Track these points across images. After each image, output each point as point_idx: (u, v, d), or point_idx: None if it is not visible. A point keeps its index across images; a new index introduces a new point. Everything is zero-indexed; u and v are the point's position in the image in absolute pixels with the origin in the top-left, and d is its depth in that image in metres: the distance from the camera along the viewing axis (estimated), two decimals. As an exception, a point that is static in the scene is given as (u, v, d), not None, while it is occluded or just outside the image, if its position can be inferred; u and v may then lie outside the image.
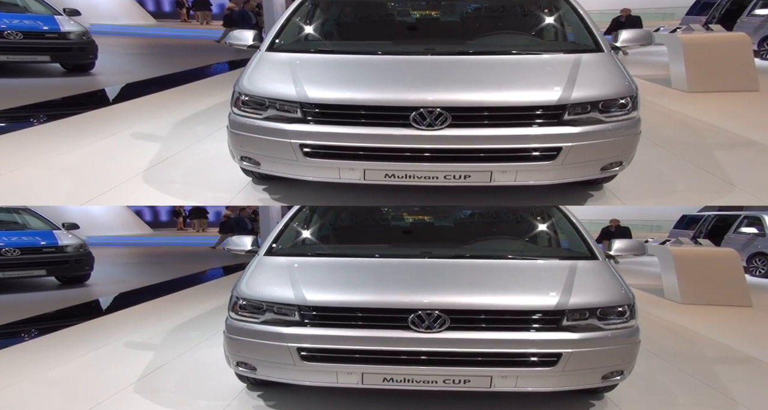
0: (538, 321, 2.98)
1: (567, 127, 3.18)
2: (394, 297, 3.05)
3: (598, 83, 3.32)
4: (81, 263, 7.67)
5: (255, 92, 3.38)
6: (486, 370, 2.98)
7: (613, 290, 3.18)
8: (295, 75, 3.38)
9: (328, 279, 3.31)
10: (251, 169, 3.58)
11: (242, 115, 3.41)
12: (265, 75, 3.51)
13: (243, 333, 3.15)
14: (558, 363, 2.97)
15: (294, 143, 3.25)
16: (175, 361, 4.38)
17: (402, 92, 3.23)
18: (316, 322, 3.04)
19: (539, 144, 3.17)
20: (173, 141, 4.92)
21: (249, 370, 3.22)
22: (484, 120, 3.17)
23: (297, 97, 3.26)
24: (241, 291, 3.26)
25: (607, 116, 3.26)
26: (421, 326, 2.95)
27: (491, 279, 3.23)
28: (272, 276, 3.36)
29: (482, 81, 3.30)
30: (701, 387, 3.89)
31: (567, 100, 3.18)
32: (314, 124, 3.24)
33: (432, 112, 3.12)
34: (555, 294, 3.04)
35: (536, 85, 3.26)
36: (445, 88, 3.23)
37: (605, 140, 3.25)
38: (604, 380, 3.13)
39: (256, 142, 3.37)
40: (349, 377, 3.05)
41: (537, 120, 3.18)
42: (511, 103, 3.17)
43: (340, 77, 3.41)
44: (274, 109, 3.31)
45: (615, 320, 3.07)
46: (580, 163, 3.27)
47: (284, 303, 3.09)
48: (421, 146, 3.18)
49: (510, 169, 3.23)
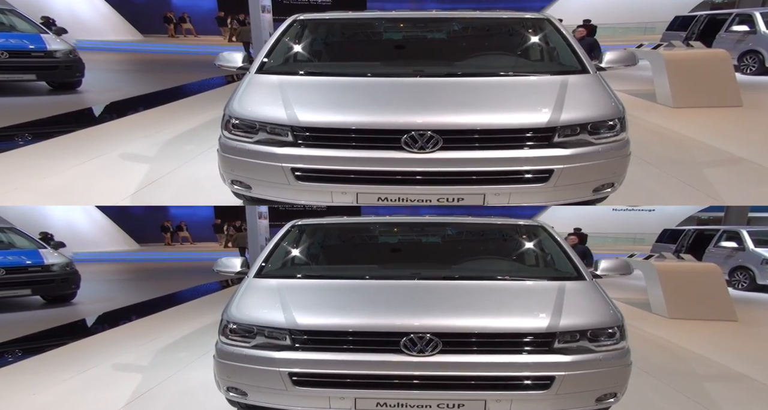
0: (529, 344, 2.96)
1: (558, 150, 3.18)
2: (385, 321, 3.02)
3: (586, 105, 3.33)
4: (67, 282, 7.53)
5: (245, 115, 3.35)
6: (480, 394, 2.95)
7: (602, 311, 3.16)
8: (285, 98, 3.36)
9: (318, 302, 3.27)
10: (242, 193, 3.54)
11: (233, 139, 3.37)
12: (255, 98, 3.48)
13: (233, 358, 3.10)
14: (552, 386, 2.94)
15: (285, 167, 3.23)
16: (164, 384, 4.30)
17: (392, 115, 3.21)
18: (307, 346, 3.01)
19: (531, 166, 3.17)
20: (162, 161, 4.87)
21: (240, 395, 3.17)
22: (475, 142, 3.16)
23: (288, 120, 3.23)
24: (231, 315, 3.21)
25: (597, 138, 3.26)
26: (414, 350, 2.92)
27: (481, 301, 3.21)
28: (262, 299, 3.32)
29: (472, 103, 3.30)
30: (692, 407, 3.89)
31: (556, 122, 3.18)
32: (305, 148, 3.22)
33: (423, 135, 3.11)
34: (545, 316, 3.02)
35: (525, 108, 3.26)
36: (436, 110, 3.23)
37: (596, 162, 3.25)
38: (598, 402, 3.08)
39: (246, 165, 3.33)
40: (341, 402, 3.00)
41: (528, 142, 3.18)
42: (501, 125, 3.17)
43: (330, 100, 3.39)
44: (264, 133, 3.28)
45: (605, 342, 3.05)
46: (572, 185, 3.26)
47: (275, 327, 3.05)
48: (413, 169, 3.17)
49: (503, 192, 3.23)
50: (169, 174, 4.63)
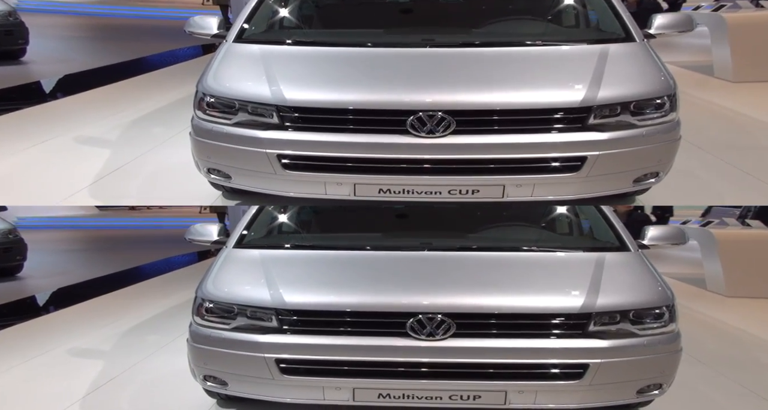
0: (559, 327, 3.01)
1: (593, 133, 3.20)
2: (389, 299, 3.08)
3: (629, 80, 3.33)
4: (10, 252, 7.51)
5: (222, 92, 3.38)
6: (499, 384, 3.00)
7: (649, 288, 3.19)
8: (269, 72, 3.39)
9: (310, 276, 3.34)
10: (221, 183, 3.59)
11: (208, 120, 3.41)
12: (233, 72, 3.51)
13: (210, 342, 3.16)
14: (584, 376, 2.99)
15: (270, 153, 3.27)
16: (129, 372, 4.34)
17: (396, 93, 3.25)
18: (297, 329, 3.06)
19: (560, 153, 3.19)
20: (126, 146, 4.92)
21: (219, 385, 3.24)
22: (495, 125, 3.19)
23: (272, 98, 3.26)
24: (207, 292, 3.25)
25: (641, 119, 3.27)
26: (422, 332, 2.97)
27: (503, 276, 3.26)
28: (244, 273, 3.38)
29: (492, 79, 3.31)
30: (755, 401, 3.88)
31: (592, 101, 3.19)
32: (294, 131, 3.26)
33: (433, 117, 3.14)
34: (579, 294, 3.06)
35: (556, 84, 3.28)
36: (448, 87, 3.25)
37: (638, 148, 3.26)
38: (640, 395, 3.14)
39: (225, 151, 3.37)
40: (337, 393, 3.06)
41: (557, 125, 3.20)
42: (526, 105, 3.19)
43: (323, 75, 3.42)
44: (245, 113, 3.31)
45: (651, 324, 3.08)
46: (608, 174, 3.28)
47: (259, 306, 3.10)
48: (420, 156, 3.20)
49: (526, 183, 3.25)
50: (134, 161, 4.66)
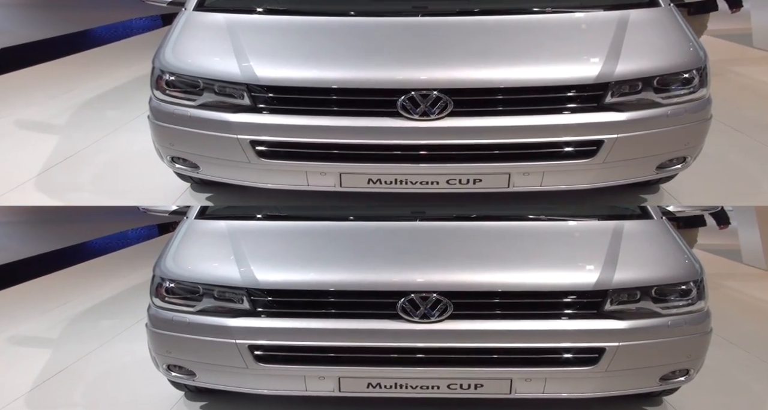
0: (571, 306, 3.03)
1: (610, 113, 3.20)
2: (377, 276, 3.10)
3: (652, 51, 3.32)
4: None
5: (183, 69, 3.37)
6: (504, 371, 3.03)
7: (674, 261, 3.22)
8: (237, 45, 3.38)
9: (286, 251, 3.36)
10: (187, 173, 3.59)
11: (168, 102, 3.40)
12: (195, 44, 3.50)
13: (173, 327, 3.18)
14: (600, 361, 3.01)
15: (242, 139, 3.26)
16: (82, 363, 4.33)
17: (385, 69, 3.24)
18: (272, 311, 3.08)
19: (573, 136, 3.20)
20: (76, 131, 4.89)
21: (185, 376, 3.28)
22: (498, 105, 3.19)
23: (242, 76, 3.25)
24: (166, 270, 3.26)
25: (665, 96, 3.27)
26: (415, 314, 2.99)
27: (507, 248, 3.29)
28: (209, 248, 3.41)
29: (493, 52, 3.30)
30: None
31: (609, 77, 3.19)
32: (268, 114, 3.25)
33: (427, 96, 3.13)
34: (594, 268, 3.08)
35: (567, 57, 3.27)
36: (444, 62, 3.24)
37: (663, 129, 3.26)
38: (663, 382, 3.17)
39: (190, 137, 3.37)
40: (321, 383, 3.10)
41: (569, 104, 3.20)
42: (533, 82, 3.19)
43: (300, 48, 3.40)
44: (211, 93, 3.31)
45: (677, 302, 3.10)
46: (628, 160, 3.29)
47: (228, 285, 3.12)
48: (413, 142, 3.21)
49: (534, 170, 3.27)
50: (86, 149, 4.64)
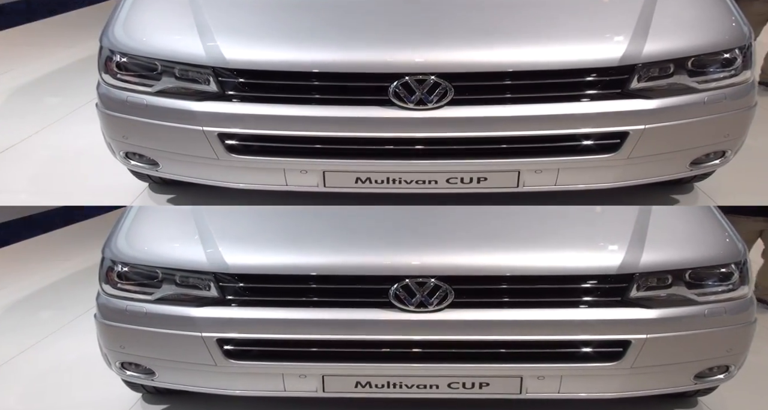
0: (591, 292, 3.03)
1: (637, 101, 3.20)
2: (365, 258, 3.08)
3: (686, 27, 3.32)
4: None
5: (137, 49, 3.35)
6: (513, 367, 3.06)
7: (712, 239, 3.22)
8: (201, 21, 3.34)
9: (261, 228, 3.37)
10: (145, 171, 3.60)
11: (120, 87, 3.39)
12: (151, 20, 3.49)
13: (128, 319, 3.15)
14: (625, 356, 3.03)
15: (209, 132, 3.26)
16: (18, 361, 4.34)
17: (375, 49, 3.22)
18: (245, 299, 3.08)
19: (593, 127, 3.20)
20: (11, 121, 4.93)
21: (143, 375, 3.29)
22: (506, 92, 3.18)
23: (207, 58, 3.23)
24: (118, 251, 3.24)
25: (702, 80, 3.26)
26: (410, 302, 2.98)
27: (515, 226, 3.30)
28: (169, 225, 3.42)
29: (501, 29, 3.30)
30: None
31: (636, 58, 3.17)
32: (239, 102, 3.25)
33: (423, 82, 3.12)
34: (617, 248, 3.07)
35: (587, 35, 3.25)
36: (443, 41, 3.22)
37: (699, 119, 3.26)
38: (699, 381, 3.19)
39: (147, 130, 3.37)
40: (302, 382, 3.11)
41: (589, 90, 3.19)
42: (547, 64, 3.17)
43: (276, 25, 3.38)
44: (171, 78, 3.30)
45: (715, 288, 3.10)
46: (658, 155, 3.31)
47: (192, 269, 3.09)
48: (408, 135, 3.21)
49: (548, 167, 3.28)
50: (23, 143, 4.66)
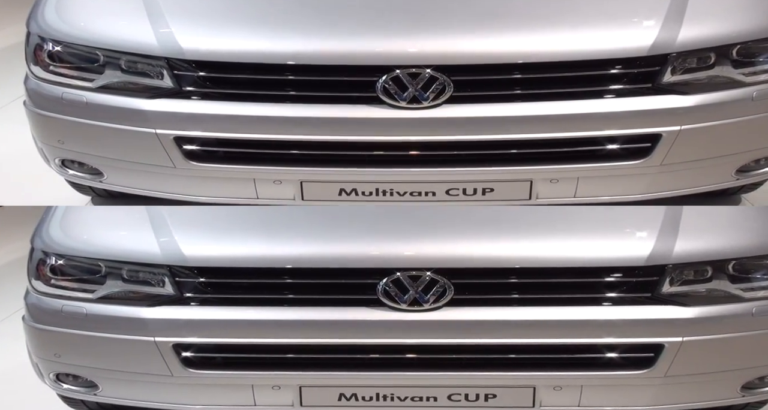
0: (616, 287, 3.04)
1: (671, 97, 3.22)
2: (349, 248, 3.09)
3: (729, 10, 3.36)
4: None
5: (74, 36, 3.38)
6: (525, 376, 3.09)
7: (759, 225, 3.26)
8: (151, 2, 3.35)
9: (223, 215, 3.37)
10: (85, 183, 3.65)
11: (54, 82, 3.42)
12: (90, 1, 3.53)
13: (64, 321, 3.15)
14: (657, 363, 3.05)
15: (163, 135, 3.28)
16: None
17: (360, 38, 3.24)
18: (206, 296, 3.08)
19: (619, 129, 3.23)
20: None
21: (83, 389, 3.30)
22: (515, 87, 3.20)
23: (160, 47, 3.24)
24: (51, 240, 3.25)
25: (749, 73, 3.29)
26: (402, 299, 2.98)
27: (525, 210, 3.36)
28: (115, 213, 3.46)
29: (509, 14, 3.32)
30: None
31: (669, 47, 3.19)
32: (199, 100, 3.27)
33: (418, 76, 3.13)
34: (646, 236, 3.08)
35: (611, 20, 3.27)
36: (440, 28, 3.23)
37: (745, 118, 3.30)
38: (746, 392, 3.22)
39: (87, 132, 3.41)
40: (275, 394, 3.13)
41: (613, 85, 3.21)
42: (564, 55, 3.18)
43: (242, 8, 3.41)
44: (117, 70, 3.31)
45: (764, 282, 3.12)
46: (696, 161, 3.35)
47: (142, 261, 3.09)
48: (400, 138, 3.24)
49: (565, 176, 3.33)
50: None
